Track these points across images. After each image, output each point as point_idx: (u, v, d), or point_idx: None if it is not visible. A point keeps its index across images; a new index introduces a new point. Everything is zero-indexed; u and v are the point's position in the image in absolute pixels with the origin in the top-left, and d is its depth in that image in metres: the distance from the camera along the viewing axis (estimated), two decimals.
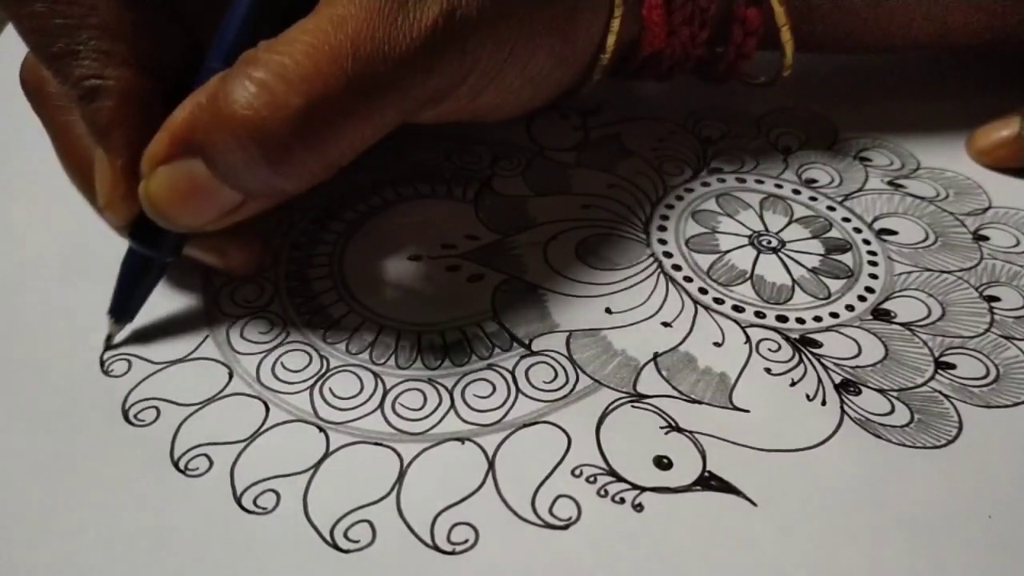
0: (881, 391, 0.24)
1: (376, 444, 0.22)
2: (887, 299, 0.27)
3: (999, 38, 0.33)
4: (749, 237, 0.29)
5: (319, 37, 0.20)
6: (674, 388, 0.24)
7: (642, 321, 0.26)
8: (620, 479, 0.21)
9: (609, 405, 0.23)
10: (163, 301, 0.26)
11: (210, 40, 0.22)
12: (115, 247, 0.27)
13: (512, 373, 0.24)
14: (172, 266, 0.25)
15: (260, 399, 0.23)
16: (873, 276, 0.28)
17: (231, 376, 0.24)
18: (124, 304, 0.24)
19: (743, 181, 0.31)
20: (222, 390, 0.23)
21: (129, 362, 0.24)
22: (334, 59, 0.20)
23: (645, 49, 0.30)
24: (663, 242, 0.28)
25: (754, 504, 0.21)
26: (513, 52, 0.24)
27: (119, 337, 0.25)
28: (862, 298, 0.27)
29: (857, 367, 0.25)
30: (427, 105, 0.23)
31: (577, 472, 0.22)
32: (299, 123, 0.19)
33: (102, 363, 0.24)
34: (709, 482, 0.21)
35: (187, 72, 0.22)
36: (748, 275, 0.27)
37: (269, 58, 0.20)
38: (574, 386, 0.24)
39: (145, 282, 0.24)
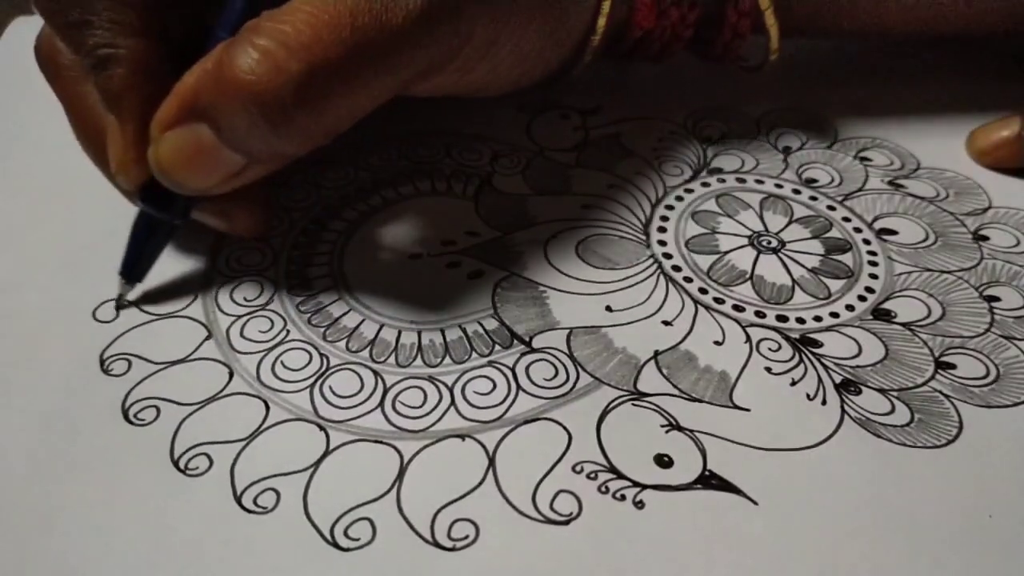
0: (881, 391, 0.24)
1: (376, 442, 0.22)
2: (887, 299, 0.27)
3: (974, 27, 0.33)
4: (749, 237, 0.29)
5: (319, 7, 0.21)
6: (675, 386, 0.24)
7: (642, 319, 0.26)
8: (621, 476, 0.21)
9: (610, 403, 0.23)
10: (163, 301, 0.25)
11: (217, 11, 0.23)
12: (114, 247, 0.27)
13: (512, 370, 0.24)
14: (180, 230, 0.26)
15: (260, 398, 0.23)
16: (873, 276, 0.28)
17: (231, 375, 0.24)
18: (135, 265, 0.25)
19: (743, 181, 0.31)
20: (222, 389, 0.23)
21: (129, 362, 0.24)
22: (333, 28, 0.20)
23: (635, 30, 0.30)
24: (663, 243, 0.28)
25: (754, 503, 0.21)
26: (506, 29, 0.25)
27: (130, 297, 0.26)
28: (862, 298, 0.27)
29: (857, 367, 0.25)
30: (421, 77, 0.23)
31: (578, 468, 0.22)
32: (299, 88, 0.20)
33: (102, 362, 0.24)
34: (710, 481, 0.21)
35: (196, 41, 0.23)
36: (748, 275, 0.27)
37: (272, 26, 0.20)
38: (575, 383, 0.24)
39: (154, 244, 0.25)
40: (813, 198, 0.31)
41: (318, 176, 0.30)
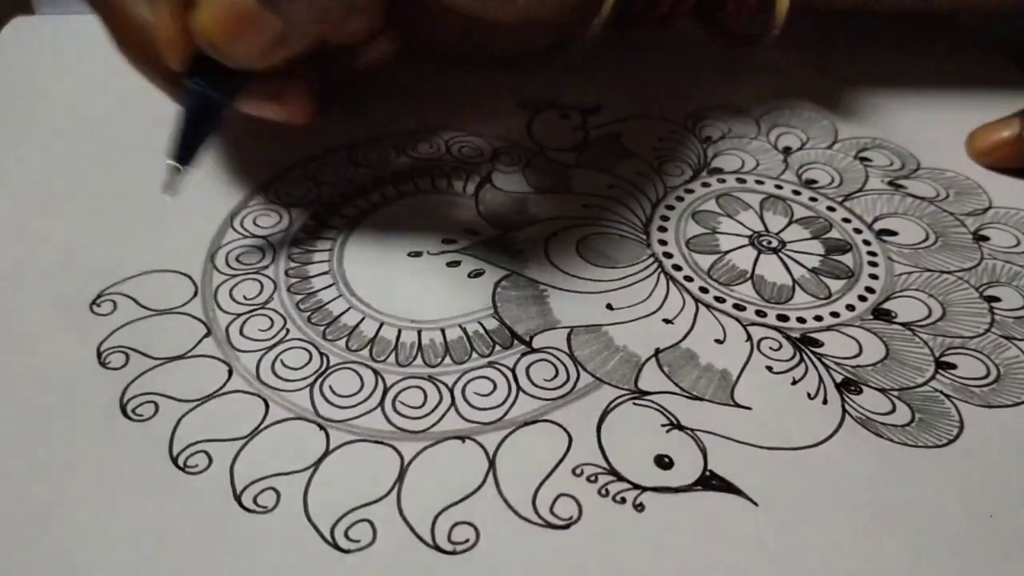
0: (882, 390, 0.24)
1: (376, 442, 0.22)
2: (887, 299, 0.27)
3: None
4: (749, 237, 0.29)
5: None
6: (676, 384, 0.24)
7: (643, 318, 0.25)
8: (621, 478, 0.21)
9: (610, 403, 0.23)
10: (163, 300, 0.25)
11: None
12: (114, 248, 0.27)
13: (513, 371, 0.24)
14: (227, 112, 0.25)
15: (260, 396, 0.23)
16: (873, 276, 0.28)
17: (231, 373, 0.23)
18: (186, 148, 0.25)
19: (743, 181, 0.31)
20: (221, 387, 0.23)
21: (127, 355, 0.24)
22: None
23: None
24: (663, 242, 0.28)
25: (755, 504, 0.21)
26: None
27: (179, 182, 0.25)
28: (863, 298, 0.27)
29: (858, 366, 0.25)
30: None
31: (578, 471, 0.21)
32: None
33: (99, 355, 0.24)
34: (710, 482, 0.21)
35: None
36: (749, 275, 0.27)
37: None
38: (575, 384, 0.23)
39: (205, 125, 0.25)
40: (813, 199, 0.31)
41: (318, 173, 0.30)
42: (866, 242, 0.29)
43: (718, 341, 0.25)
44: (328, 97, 0.30)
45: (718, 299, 0.26)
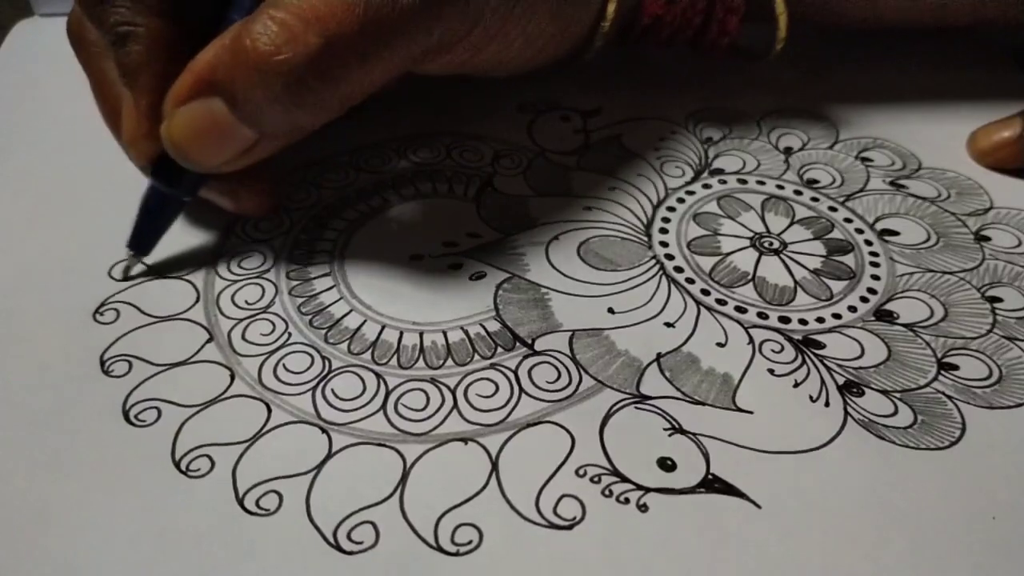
0: (884, 392, 0.24)
1: (379, 445, 0.22)
2: (889, 300, 0.27)
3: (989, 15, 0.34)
4: (751, 239, 0.29)
5: None
6: (677, 389, 0.24)
7: (645, 321, 0.26)
8: (625, 479, 0.21)
9: (612, 406, 0.23)
10: (166, 307, 0.25)
11: None
12: (113, 247, 0.27)
13: (515, 373, 0.24)
14: (186, 206, 0.26)
15: (262, 400, 0.23)
16: (875, 277, 0.28)
17: (233, 378, 0.23)
18: (142, 239, 0.26)
19: (744, 182, 0.31)
20: (224, 392, 0.23)
21: (129, 363, 0.24)
22: (348, 5, 0.21)
23: (645, 16, 0.31)
24: (665, 244, 0.28)
25: (758, 506, 0.21)
26: (514, 12, 0.25)
27: (135, 270, 0.26)
28: (864, 299, 0.27)
29: (860, 368, 0.25)
30: (432, 54, 0.24)
31: (581, 472, 0.21)
32: (316, 60, 0.21)
33: (102, 363, 0.24)
34: (713, 484, 0.21)
35: (212, 23, 0.24)
36: (750, 277, 0.27)
37: (289, 1, 0.21)
38: (577, 386, 0.23)
39: (163, 218, 0.26)
40: (815, 199, 0.31)
41: (318, 177, 0.30)
42: (868, 242, 0.29)
43: (720, 344, 0.25)
44: None
45: (720, 301, 0.26)
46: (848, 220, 0.30)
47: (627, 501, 0.21)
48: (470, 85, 0.35)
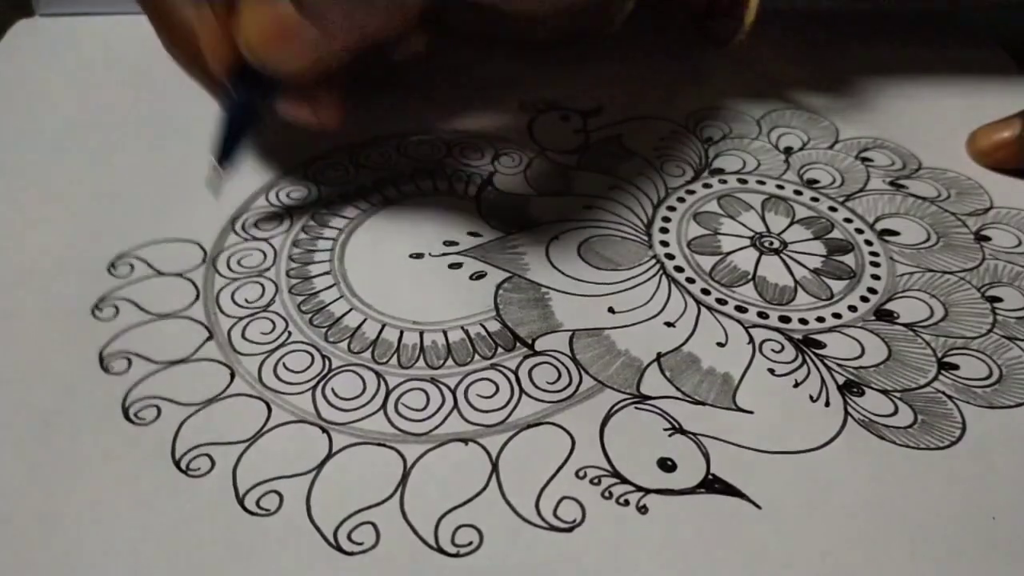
0: (884, 392, 0.24)
1: (379, 445, 0.22)
2: (889, 300, 0.27)
3: None
4: (751, 238, 0.29)
5: None
6: (677, 389, 0.24)
7: (645, 321, 0.25)
8: (624, 481, 0.21)
9: (613, 406, 0.23)
10: (165, 304, 0.25)
11: None
12: (115, 252, 0.27)
13: (515, 373, 0.24)
14: (264, 118, 0.27)
15: (262, 399, 0.23)
16: (875, 277, 0.28)
17: (233, 377, 0.23)
18: (227, 151, 0.27)
19: (744, 182, 0.31)
20: (224, 390, 0.23)
21: (129, 360, 0.24)
22: None
23: None
24: (665, 244, 0.28)
25: (758, 507, 0.21)
26: None
27: (223, 183, 0.27)
28: (864, 299, 0.27)
29: (860, 368, 0.25)
30: None
31: (581, 474, 0.21)
32: None
33: (101, 360, 0.24)
34: (713, 485, 0.21)
35: None
36: (750, 276, 0.27)
37: None
38: (577, 387, 0.23)
39: (244, 128, 0.27)
40: (815, 199, 0.31)
41: (318, 174, 0.30)
42: (868, 242, 0.29)
43: (720, 344, 0.25)
44: (353, 86, 0.31)
45: (720, 301, 0.26)
46: (848, 220, 0.30)
47: (627, 503, 0.21)
48: (471, 84, 0.35)
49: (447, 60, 0.35)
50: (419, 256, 0.27)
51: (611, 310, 0.26)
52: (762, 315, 0.26)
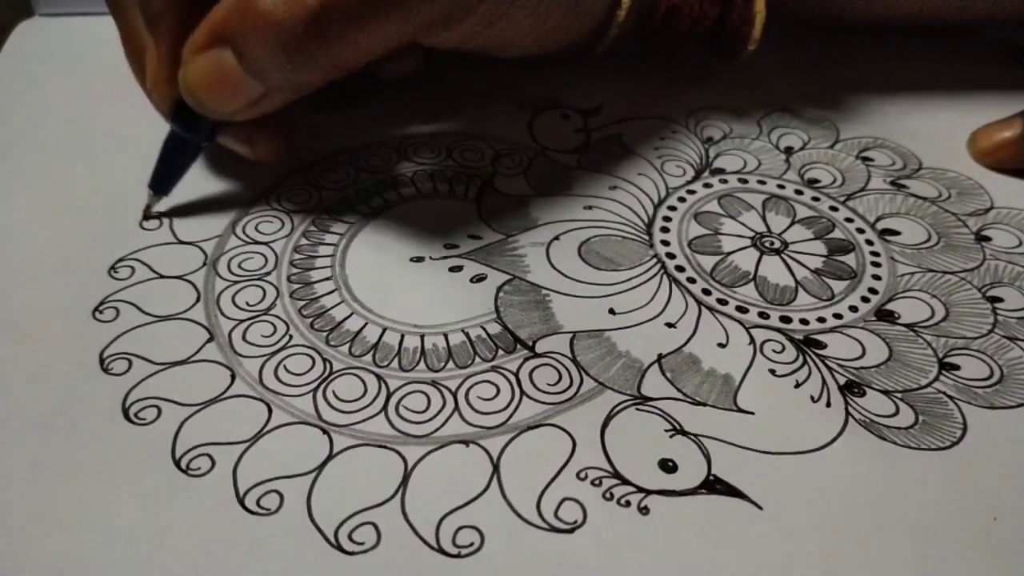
0: (885, 392, 0.24)
1: (380, 447, 0.22)
2: (890, 300, 0.27)
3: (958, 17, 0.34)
4: (752, 238, 0.29)
5: None
6: (679, 390, 0.24)
7: (646, 322, 0.25)
8: (626, 482, 0.21)
9: (613, 408, 0.23)
10: (166, 307, 0.25)
11: None
12: (116, 254, 0.27)
13: (516, 375, 0.24)
14: (205, 150, 0.28)
15: (263, 401, 0.23)
16: (876, 277, 0.28)
17: (233, 378, 0.23)
18: (163, 179, 0.28)
19: (745, 182, 0.31)
20: (224, 392, 0.23)
21: (129, 361, 0.24)
22: None
23: (663, 3, 0.31)
24: (666, 243, 0.28)
25: (759, 508, 0.21)
26: None
27: (156, 208, 0.28)
28: (865, 299, 0.27)
29: (861, 368, 0.25)
30: (435, 26, 0.25)
31: (582, 475, 0.21)
32: (313, 23, 0.22)
33: (102, 361, 0.24)
34: (714, 486, 0.21)
35: None
36: (751, 276, 0.27)
37: None
38: (578, 388, 0.23)
39: (182, 161, 0.28)
40: (815, 199, 0.31)
41: (319, 178, 0.30)
42: (869, 242, 0.29)
43: (721, 345, 0.25)
44: (345, 96, 0.33)
45: (721, 301, 0.26)
46: (849, 220, 0.30)
47: (628, 504, 0.21)
48: (471, 84, 0.35)
49: (445, 61, 0.35)
50: (420, 260, 0.27)
51: (612, 311, 0.26)
52: (763, 315, 0.26)
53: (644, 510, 0.21)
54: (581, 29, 0.30)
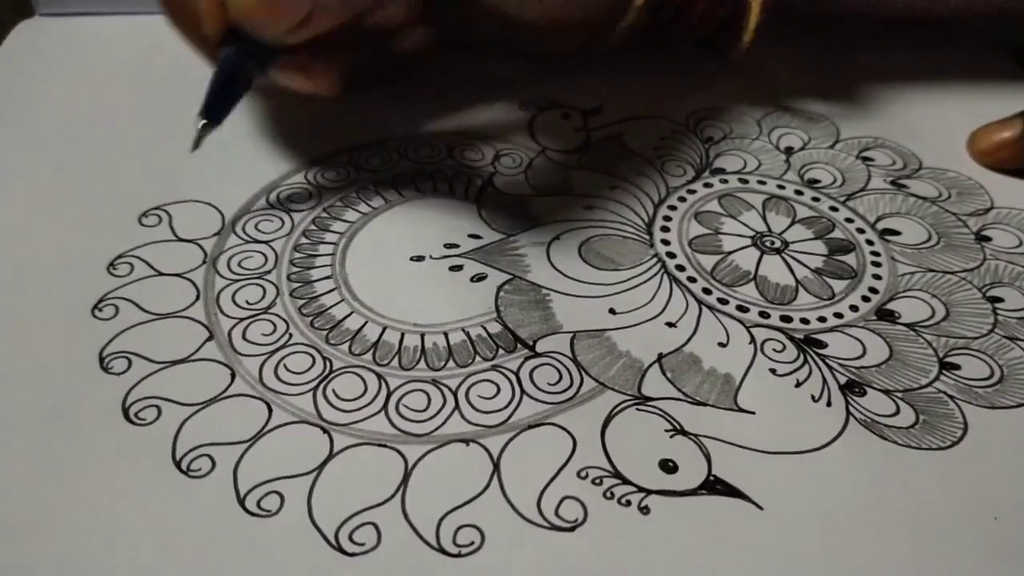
0: (886, 392, 0.24)
1: (380, 446, 0.22)
2: (891, 300, 0.27)
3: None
4: (752, 238, 0.29)
5: None
6: (679, 390, 0.24)
7: (646, 322, 0.25)
8: (626, 481, 0.21)
9: (614, 408, 0.23)
10: (165, 304, 0.25)
11: None
12: (115, 252, 0.27)
13: (516, 374, 0.24)
14: (259, 77, 0.27)
15: (263, 400, 0.23)
16: (877, 277, 0.28)
17: (233, 377, 0.23)
18: (215, 108, 0.26)
19: (745, 182, 0.31)
20: (224, 391, 0.23)
21: (129, 360, 0.24)
22: None
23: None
24: (666, 243, 0.28)
25: (760, 508, 0.21)
26: None
27: (205, 140, 0.26)
28: (866, 298, 0.27)
29: (862, 368, 0.24)
30: None
31: (583, 474, 0.21)
32: None
33: (101, 360, 0.24)
34: (715, 486, 0.21)
35: None
36: (752, 276, 0.27)
37: None
38: (579, 388, 0.23)
39: (235, 90, 0.27)
40: (816, 199, 0.31)
41: (319, 177, 0.30)
42: (869, 242, 0.29)
43: (721, 344, 0.25)
44: (363, 81, 0.32)
45: (721, 300, 0.26)
46: (849, 220, 0.30)
47: (628, 503, 0.21)
48: (471, 84, 0.35)
49: (446, 60, 0.35)
50: (420, 259, 0.27)
51: (612, 311, 0.26)
52: (763, 315, 0.26)
53: (644, 510, 0.21)
54: (598, 8, 0.30)
